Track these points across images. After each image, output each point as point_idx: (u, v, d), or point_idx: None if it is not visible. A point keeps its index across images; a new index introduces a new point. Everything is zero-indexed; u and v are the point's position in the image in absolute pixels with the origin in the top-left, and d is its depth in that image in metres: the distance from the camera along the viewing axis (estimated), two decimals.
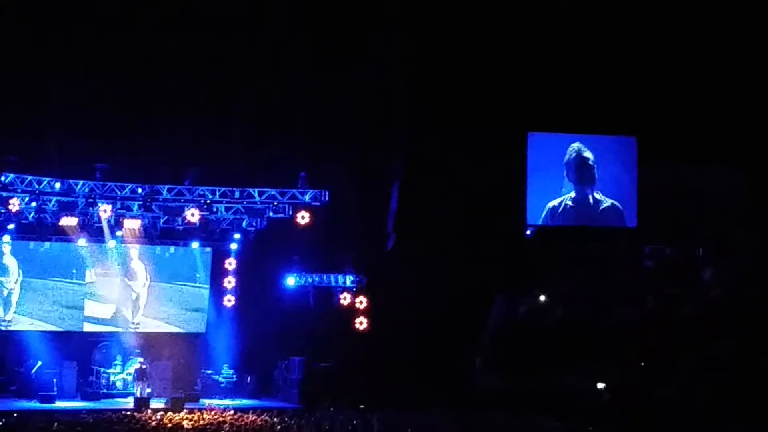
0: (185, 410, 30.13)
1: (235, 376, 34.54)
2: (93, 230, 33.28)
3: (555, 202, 35.27)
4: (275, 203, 33.94)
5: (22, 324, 33.57)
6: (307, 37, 33.09)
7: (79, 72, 31.90)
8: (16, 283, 33.48)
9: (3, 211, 31.60)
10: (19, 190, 31.52)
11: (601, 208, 35.42)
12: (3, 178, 31.22)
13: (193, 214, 32.96)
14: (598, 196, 35.42)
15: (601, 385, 32.82)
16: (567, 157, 35.34)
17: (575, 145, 35.36)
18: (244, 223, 34.53)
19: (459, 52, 33.84)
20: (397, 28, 33.51)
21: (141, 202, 33.05)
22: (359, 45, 33.43)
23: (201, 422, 27.50)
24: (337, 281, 35.23)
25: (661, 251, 36.06)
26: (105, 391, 33.06)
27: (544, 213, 35.26)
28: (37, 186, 31.73)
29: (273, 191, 33.89)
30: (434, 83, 34.12)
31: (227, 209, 34.02)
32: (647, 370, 32.86)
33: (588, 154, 35.35)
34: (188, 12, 32.59)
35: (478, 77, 33.95)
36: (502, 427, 27.88)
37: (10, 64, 31.22)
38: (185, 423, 27.47)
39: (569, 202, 35.32)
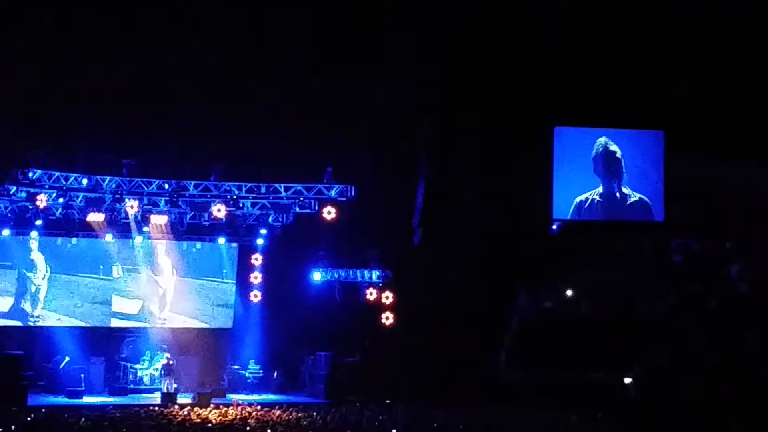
0: (212, 405, 30.27)
1: (261, 371, 34.55)
2: (120, 226, 33.33)
3: (582, 197, 35.17)
4: (301, 198, 33.96)
5: (49, 319, 33.71)
6: (333, 33, 33.05)
7: (106, 68, 31.94)
8: (43, 278, 33.61)
9: (31, 207, 31.74)
10: (47, 186, 31.69)
11: (628, 202, 35.30)
12: (30, 175, 31.36)
13: (219, 210, 33.05)
14: (626, 190, 35.29)
15: (627, 380, 32.74)
16: (594, 151, 35.23)
17: (602, 140, 35.25)
18: (270, 219, 34.53)
19: (485, 48, 33.75)
20: (424, 24, 33.42)
21: (168, 198, 33.14)
22: (386, 41, 33.38)
23: (228, 418, 27.62)
24: (363, 276, 35.16)
25: (688, 245, 35.91)
26: (132, 386, 33.14)
27: (572, 208, 35.16)
28: (64, 182, 31.88)
29: (299, 186, 33.93)
30: (460, 79, 34.05)
31: (253, 205, 34.05)
32: (673, 365, 32.74)
33: (615, 148, 35.23)
34: (215, 7, 32.64)
35: (503, 72, 33.86)
36: (526, 422, 27.83)
37: (36, 61, 31.31)
38: (212, 418, 27.60)
39: (597, 197, 35.20)
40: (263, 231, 34.81)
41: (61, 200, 32.14)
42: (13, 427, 23.87)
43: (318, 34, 33.07)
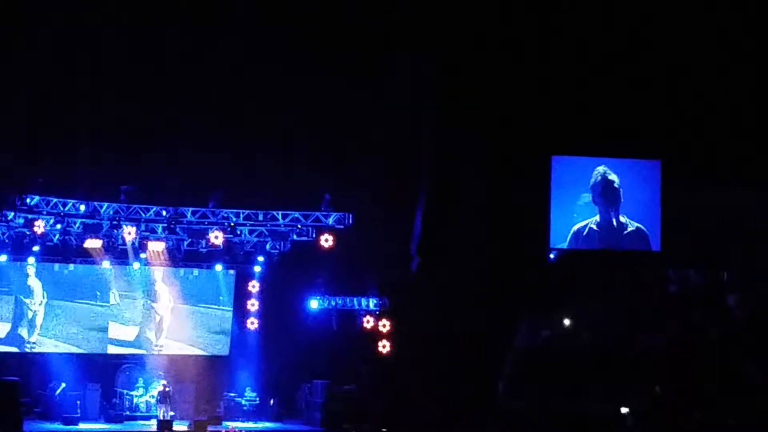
0: None
1: (258, 398, 34.45)
2: (117, 252, 33.33)
3: (580, 225, 35.17)
4: (299, 226, 33.99)
5: (46, 346, 33.61)
6: (331, 60, 33.11)
7: (104, 95, 32.02)
8: (40, 305, 33.55)
9: (28, 233, 31.76)
10: (45, 212, 31.75)
11: (625, 231, 35.27)
12: (28, 200, 31.43)
13: (216, 237, 33.04)
14: (623, 219, 35.29)
15: (625, 410, 32.68)
16: (592, 180, 35.25)
17: (600, 168, 35.27)
18: (267, 246, 34.54)
19: (484, 76, 33.83)
20: (423, 51, 33.53)
21: (165, 225, 33.16)
22: (385, 67, 33.47)
23: None
24: (360, 304, 35.18)
25: (685, 275, 35.93)
26: (128, 413, 33.04)
27: (570, 236, 35.16)
28: (62, 208, 31.93)
29: (297, 214, 33.98)
30: (459, 107, 34.12)
31: (251, 232, 34.08)
32: (672, 395, 32.70)
33: (614, 177, 35.25)
34: (212, 35, 32.71)
35: (502, 101, 33.93)
36: None
37: (35, 87, 31.36)
38: None
39: (593, 226, 35.21)
40: (260, 258, 34.80)
41: (58, 226, 32.17)
42: None
43: (318, 63, 33.11)
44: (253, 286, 35.29)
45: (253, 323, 35.21)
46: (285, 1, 32.65)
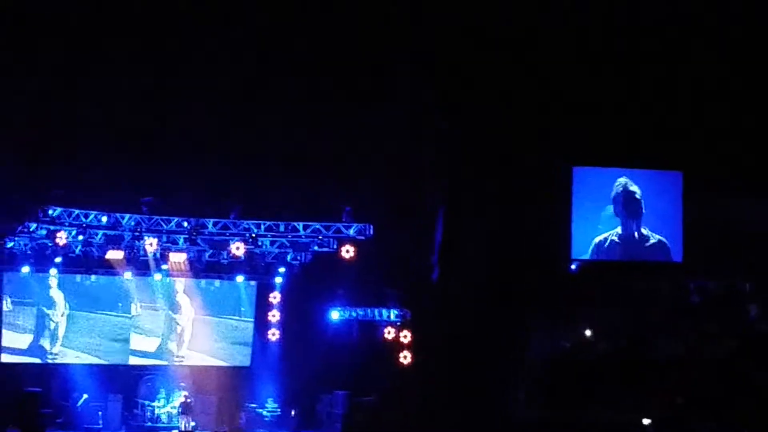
0: None
1: (279, 409, 34.53)
2: (139, 263, 33.45)
3: (601, 237, 35.06)
4: (320, 237, 34.02)
5: (68, 357, 33.75)
6: (352, 71, 33.14)
7: (126, 106, 32.08)
8: (62, 316, 33.69)
9: (50, 244, 31.88)
10: (67, 224, 31.83)
11: (647, 244, 35.17)
12: (50, 212, 31.54)
13: (238, 248, 33.09)
14: (645, 231, 35.18)
15: (646, 421, 32.63)
16: (614, 191, 35.14)
17: (622, 180, 35.16)
18: (288, 257, 34.59)
19: (502, 86, 33.81)
20: (442, 61, 33.52)
21: (187, 236, 33.21)
22: (405, 78, 33.46)
23: None
24: (381, 315, 35.23)
25: (705, 286, 35.85)
26: (150, 424, 33.17)
27: (591, 248, 35.05)
28: (84, 220, 32.02)
29: (318, 225, 33.99)
30: (478, 118, 34.09)
31: (272, 243, 34.10)
32: (691, 406, 32.65)
33: (635, 188, 35.14)
34: (233, 47, 32.77)
35: (522, 111, 33.90)
36: None
37: (56, 99, 31.44)
38: None
39: (615, 238, 35.09)
40: (282, 269, 34.87)
41: (80, 238, 32.26)
42: None
43: (338, 73, 33.14)
44: (274, 297, 35.36)
45: (274, 334, 35.28)
46: (302, 16, 32.63)
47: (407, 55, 33.52)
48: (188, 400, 32.78)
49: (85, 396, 32.97)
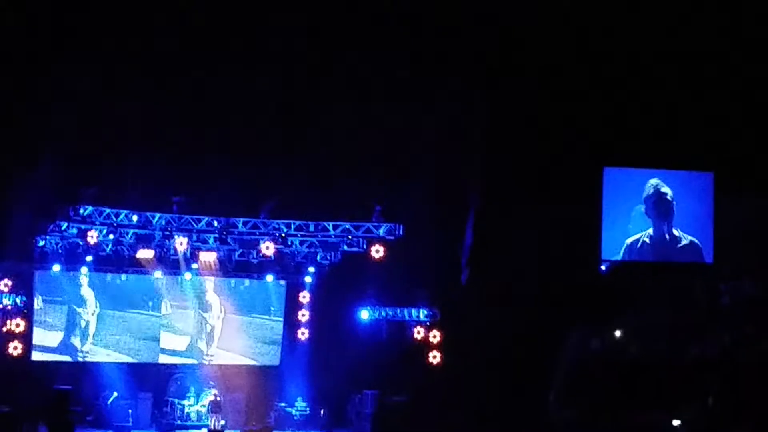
0: None
1: (308, 409, 34.55)
2: (169, 262, 33.63)
3: (633, 239, 34.87)
4: (350, 237, 34.07)
5: (99, 355, 33.90)
6: (382, 71, 33.09)
7: (157, 106, 32.17)
8: (93, 314, 33.84)
9: (81, 243, 32.13)
10: (98, 223, 32.06)
11: (679, 245, 34.97)
12: (82, 211, 31.74)
13: (268, 248, 33.20)
14: (676, 233, 34.97)
15: (676, 422, 32.44)
16: (645, 192, 34.93)
17: (653, 181, 34.95)
18: (318, 257, 34.66)
19: (535, 88, 33.69)
20: (476, 63, 33.43)
21: (216, 235, 33.36)
22: (437, 79, 33.39)
23: None
24: (410, 315, 35.23)
25: (738, 287, 35.59)
26: (179, 422, 33.30)
27: (623, 249, 34.87)
28: (114, 219, 32.22)
29: (347, 225, 34.06)
30: (510, 118, 33.99)
31: (302, 243, 34.19)
32: (723, 408, 32.41)
33: (666, 189, 34.92)
34: (263, 44, 32.79)
35: (553, 112, 33.77)
36: None
37: (87, 98, 31.56)
38: None
39: (646, 239, 34.90)
40: (311, 269, 34.94)
41: (111, 237, 32.46)
42: None
43: (366, 73, 33.10)
44: (304, 297, 35.41)
45: (303, 333, 35.32)
46: (336, 21, 32.62)
47: (438, 57, 33.47)
48: (218, 399, 32.90)
49: (115, 394, 33.16)
